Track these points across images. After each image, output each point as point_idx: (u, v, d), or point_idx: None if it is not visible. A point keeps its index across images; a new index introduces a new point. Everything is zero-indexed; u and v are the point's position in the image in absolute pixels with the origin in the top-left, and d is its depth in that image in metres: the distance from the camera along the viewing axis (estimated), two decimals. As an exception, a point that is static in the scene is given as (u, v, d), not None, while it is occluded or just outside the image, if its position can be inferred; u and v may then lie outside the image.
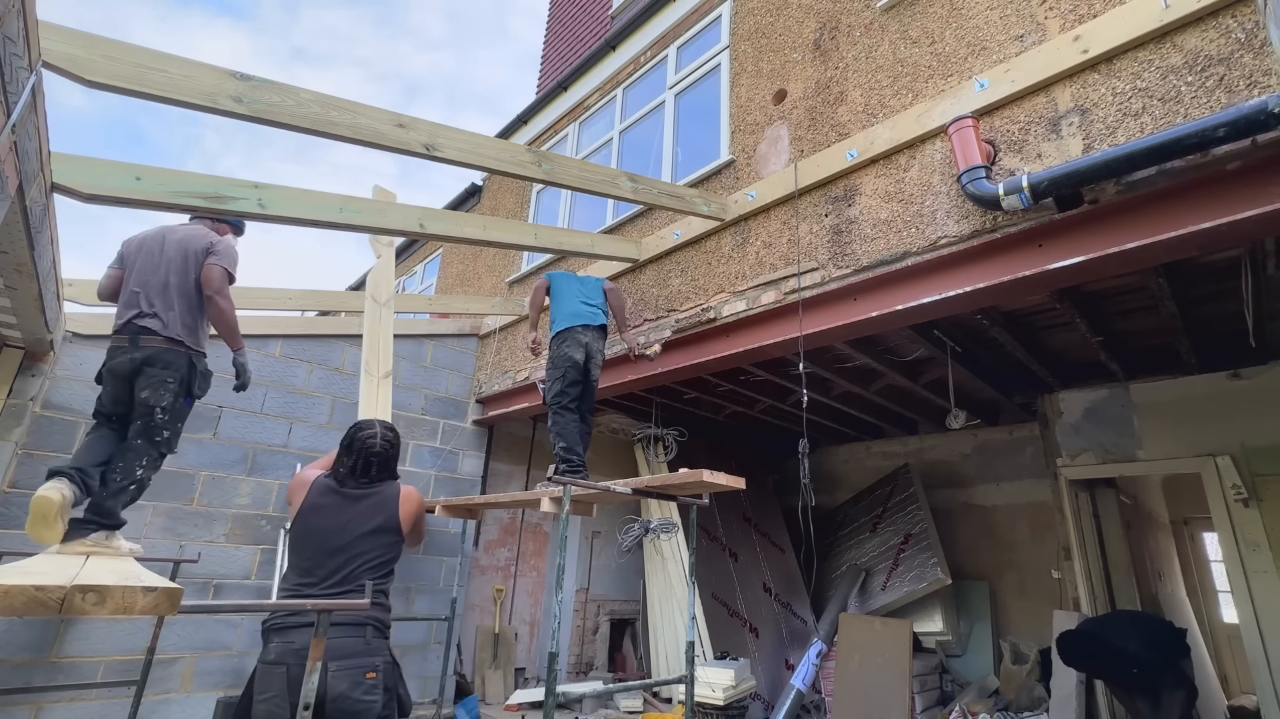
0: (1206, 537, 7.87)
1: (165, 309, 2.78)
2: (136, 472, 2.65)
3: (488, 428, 5.84)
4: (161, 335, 2.74)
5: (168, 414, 2.70)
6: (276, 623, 2.04)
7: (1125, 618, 4.39)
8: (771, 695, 5.41)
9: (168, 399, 2.70)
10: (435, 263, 8.75)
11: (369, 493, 2.54)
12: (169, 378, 2.71)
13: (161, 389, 2.69)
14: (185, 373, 2.78)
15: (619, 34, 5.70)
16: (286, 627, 2.02)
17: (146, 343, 2.73)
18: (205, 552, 4.11)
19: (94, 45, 2.14)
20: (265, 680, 1.93)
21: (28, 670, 3.48)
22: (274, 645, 1.98)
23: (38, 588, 1.53)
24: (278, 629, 2.01)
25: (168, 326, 2.76)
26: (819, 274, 3.28)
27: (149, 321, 2.75)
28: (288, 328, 4.80)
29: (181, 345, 2.78)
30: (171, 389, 2.71)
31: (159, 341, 2.74)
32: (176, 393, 2.73)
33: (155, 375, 2.70)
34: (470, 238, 3.84)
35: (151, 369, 2.70)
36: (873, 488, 6.99)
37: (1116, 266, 2.49)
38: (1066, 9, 2.70)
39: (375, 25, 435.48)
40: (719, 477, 3.21)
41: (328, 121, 2.61)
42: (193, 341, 2.83)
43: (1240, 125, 1.96)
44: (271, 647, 1.98)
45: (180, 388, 2.75)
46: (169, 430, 2.73)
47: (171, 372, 2.72)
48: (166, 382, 2.70)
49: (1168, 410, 4.83)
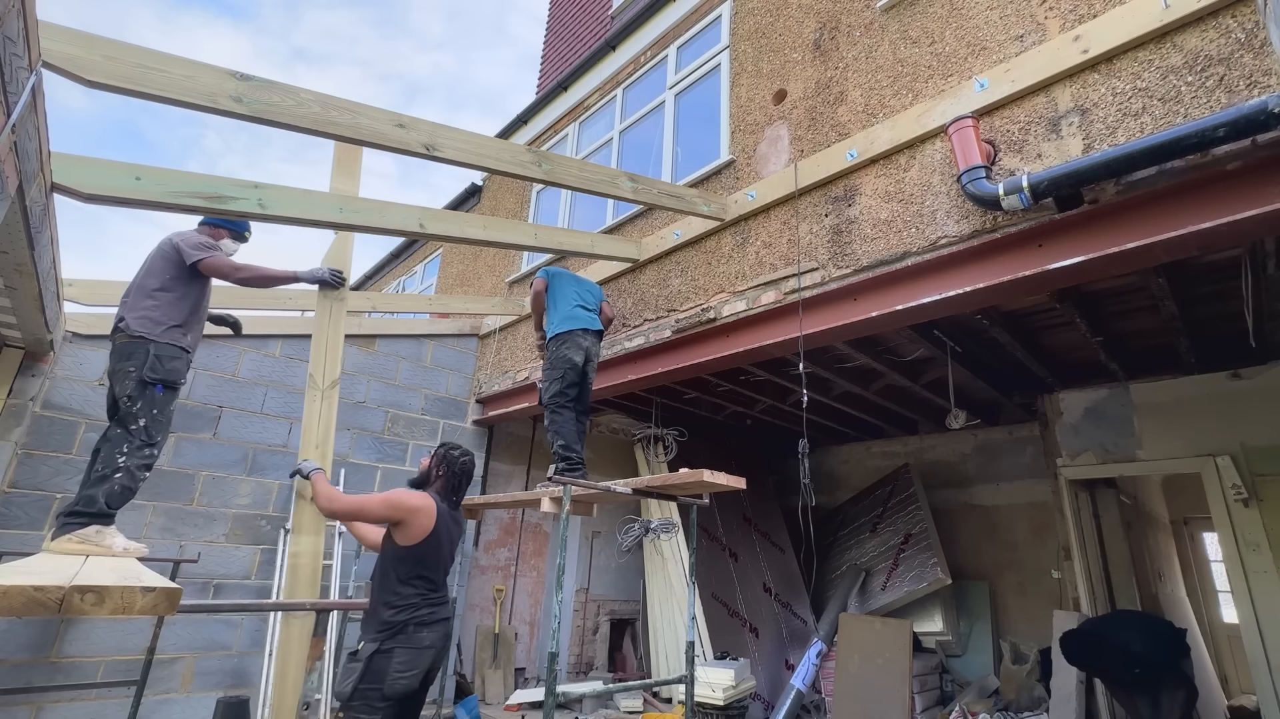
0: (1206, 537, 7.86)
1: (129, 309, 2.93)
2: (118, 459, 2.71)
3: (488, 428, 5.84)
4: (125, 333, 2.88)
5: (135, 402, 2.79)
6: (422, 618, 2.62)
7: (1127, 618, 4.39)
8: (771, 695, 5.41)
9: (131, 387, 2.79)
10: (435, 263, 8.75)
11: (457, 513, 3.01)
12: (130, 367, 2.82)
13: (125, 379, 2.81)
14: (143, 360, 2.86)
15: (619, 34, 5.70)
16: (431, 621, 2.66)
17: (116, 340, 2.89)
18: (205, 552, 4.11)
19: (94, 45, 2.14)
20: (415, 659, 2.54)
21: (28, 670, 3.48)
22: (424, 635, 2.60)
23: (37, 588, 1.53)
24: (425, 623, 2.62)
25: (130, 325, 2.89)
26: (819, 274, 3.28)
27: (119, 323, 2.92)
28: (288, 328, 4.80)
29: (140, 338, 2.88)
30: (133, 377, 2.80)
31: (122, 338, 2.88)
32: (139, 380, 2.81)
33: (118, 368, 2.84)
34: (470, 238, 3.84)
35: (117, 363, 2.85)
36: (873, 488, 6.99)
37: (1116, 266, 2.49)
38: (1066, 9, 2.70)
39: (375, 26, 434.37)
40: (719, 476, 3.21)
41: (328, 121, 2.61)
42: (152, 332, 2.91)
43: (1240, 125, 1.96)
44: (423, 635, 2.60)
45: (142, 374, 2.83)
46: (143, 418, 2.79)
47: (131, 362, 2.83)
48: (128, 371, 2.81)
49: (1168, 410, 4.83)
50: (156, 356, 2.88)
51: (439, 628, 2.70)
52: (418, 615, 2.62)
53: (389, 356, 5.34)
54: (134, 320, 2.89)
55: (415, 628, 2.60)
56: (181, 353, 2.99)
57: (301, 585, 3.19)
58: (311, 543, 3.27)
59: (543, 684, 4.54)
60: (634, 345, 4.28)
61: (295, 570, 3.23)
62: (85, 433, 3.85)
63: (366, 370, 5.18)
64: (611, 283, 4.74)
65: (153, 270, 3.01)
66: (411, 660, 2.54)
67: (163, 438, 2.90)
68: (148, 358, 2.85)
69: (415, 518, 2.68)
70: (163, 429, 2.89)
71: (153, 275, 2.99)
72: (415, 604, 2.62)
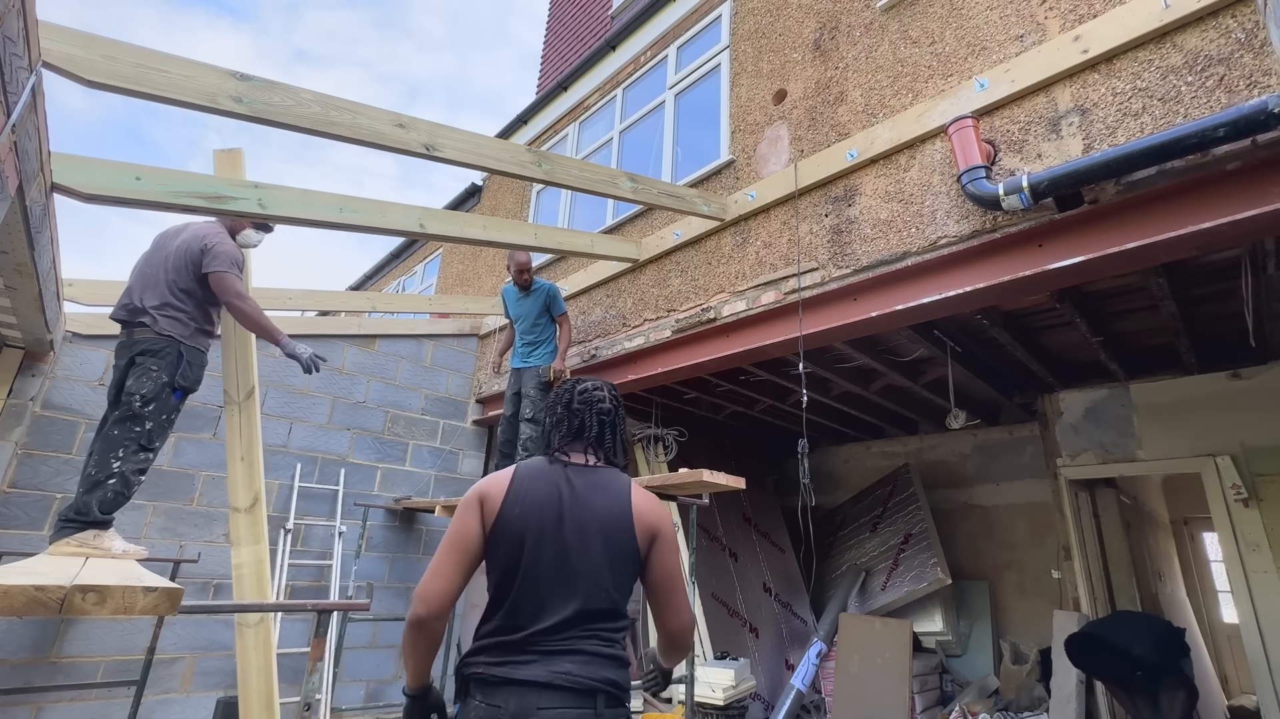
0: (1206, 537, 7.87)
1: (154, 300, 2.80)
2: (112, 464, 2.58)
3: (488, 428, 5.84)
4: (152, 329, 2.76)
5: (149, 403, 2.67)
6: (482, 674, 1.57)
7: (1128, 619, 4.39)
8: (771, 695, 5.41)
9: (150, 387, 2.68)
10: (435, 263, 8.76)
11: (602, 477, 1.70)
12: (153, 366, 2.70)
13: (145, 377, 2.69)
14: (175, 364, 2.76)
15: (619, 34, 5.70)
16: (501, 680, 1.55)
17: (140, 335, 2.76)
18: (205, 552, 4.11)
19: (94, 45, 2.14)
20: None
21: (28, 670, 3.48)
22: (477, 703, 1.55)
23: (38, 588, 1.53)
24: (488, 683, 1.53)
25: (159, 322, 2.78)
26: (819, 274, 3.28)
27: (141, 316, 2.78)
28: (288, 328, 4.77)
29: (170, 338, 2.77)
30: (155, 377, 2.69)
31: (148, 333, 2.75)
32: (164, 383, 2.71)
33: (142, 363, 2.71)
34: (471, 238, 3.84)
35: (140, 356, 2.72)
36: (873, 488, 6.99)
37: (1116, 266, 2.49)
38: (1066, 9, 2.70)
39: (376, 27, 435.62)
40: (719, 476, 3.21)
41: (328, 121, 2.61)
42: (182, 334, 2.82)
43: (1240, 125, 1.96)
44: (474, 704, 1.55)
45: (173, 379, 2.74)
46: (150, 422, 2.67)
47: (158, 360, 2.72)
48: (151, 370, 2.70)
49: (1168, 410, 4.83)
50: (188, 363, 2.80)
51: (511, 696, 1.41)
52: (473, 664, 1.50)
53: (389, 357, 5.34)
54: (163, 318, 2.78)
55: (471, 689, 1.48)
56: (205, 360, 2.94)
57: (248, 595, 3.21)
58: (252, 553, 3.28)
59: (543, 684, 4.53)
60: (634, 345, 4.28)
61: (240, 582, 3.23)
62: (85, 433, 3.85)
63: (366, 370, 5.18)
64: (611, 283, 4.74)
65: (181, 267, 2.90)
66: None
67: (161, 443, 2.78)
68: (180, 362, 2.77)
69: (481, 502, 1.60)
70: (163, 435, 2.78)
71: (181, 274, 2.90)
72: (484, 648, 1.51)
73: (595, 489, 1.63)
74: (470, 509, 1.58)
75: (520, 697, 1.40)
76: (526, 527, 1.55)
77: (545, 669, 1.43)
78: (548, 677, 1.42)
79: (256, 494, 3.44)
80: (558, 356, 4.34)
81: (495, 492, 1.59)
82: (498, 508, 1.57)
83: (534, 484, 1.61)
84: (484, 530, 1.57)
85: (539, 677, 1.42)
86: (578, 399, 1.77)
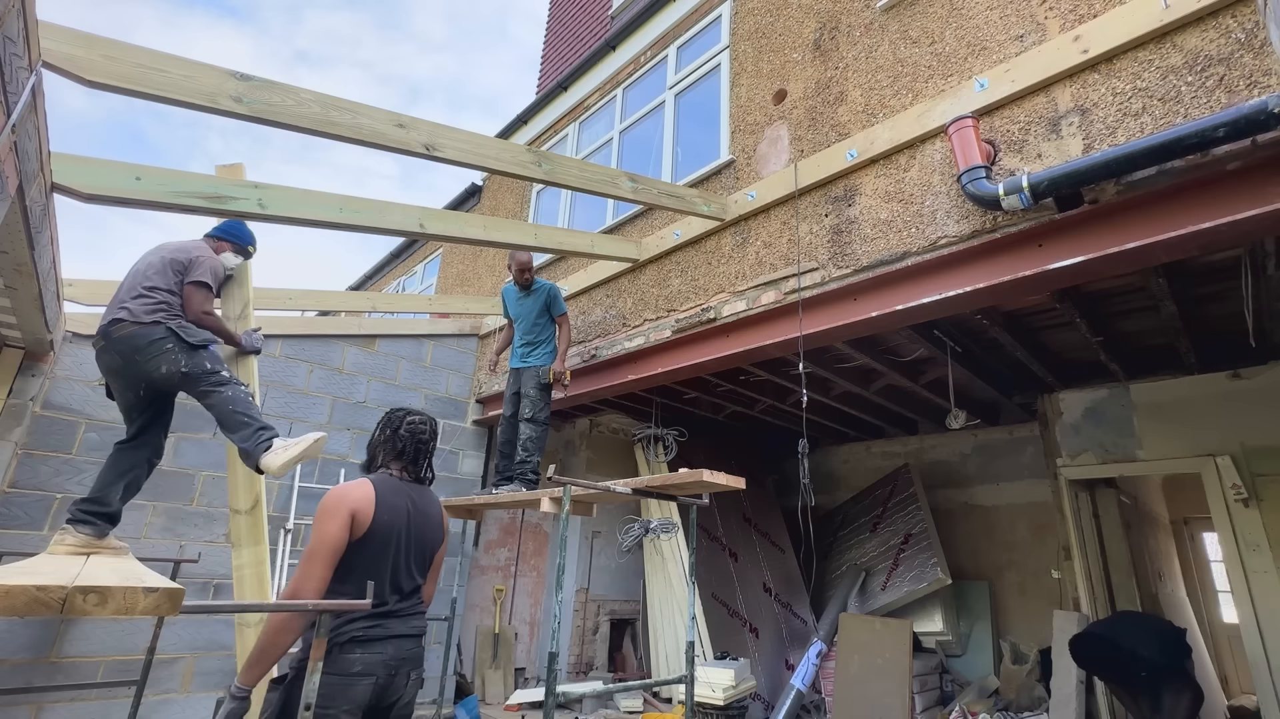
0: (1206, 537, 7.86)
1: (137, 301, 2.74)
2: (252, 412, 2.74)
3: (488, 428, 5.84)
4: (130, 322, 2.68)
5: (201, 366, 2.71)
6: (356, 633, 2.01)
7: (1130, 620, 4.37)
8: (771, 695, 5.41)
9: (183, 359, 2.68)
10: (435, 263, 8.76)
11: (422, 493, 2.34)
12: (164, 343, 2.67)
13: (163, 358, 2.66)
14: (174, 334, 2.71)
15: (619, 34, 5.70)
16: (373, 638, 2.05)
17: (119, 332, 2.67)
18: (205, 552, 4.11)
19: (94, 45, 2.14)
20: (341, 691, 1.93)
21: (28, 670, 3.48)
22: (357, 657, 1.98)
23: (39, 588, 1.53)
24: (361, 641, 2.00)
25: (136, 315, 2.70)
26: (819, 274, 3.28)
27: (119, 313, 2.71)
28: (288, 328, 4.81)
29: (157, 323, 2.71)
30: (173, 350, 2.67)
31: (130, 326, 2.68)
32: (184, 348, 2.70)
33: (149, 350, 2.66)
34: (471, 238, 3.84)
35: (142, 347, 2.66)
36: (873, 488, 6.99)
37: (1116, 266, 2.49)
38: (1066, 9, 2.70)
39: (377, 28, 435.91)
40: (719, 476, 3.21)
41: (328, 122, 2.61)
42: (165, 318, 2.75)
43: (1240, 125, 1.96)
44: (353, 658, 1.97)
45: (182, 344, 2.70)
46: (214, 376, 2.74)
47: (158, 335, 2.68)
48: (165, 348, 2.67)
49: (1168, 410, 4.83)
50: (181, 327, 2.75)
51: (387, 646, 1.99)
52: (349, 630, 1.94)
53: (389, 357, 5.34)
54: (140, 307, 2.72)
55: (346, 648, 1.92)
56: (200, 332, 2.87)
57: (249, 596, 3.27)
58: (252, 554, 3.34)
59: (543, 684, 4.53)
60: (634, 345, 4.28)
61: (241, 582, 3.29)
62: (85, 433, 3.85)
63: (366, 370, 5.18)
64: (611, 283, 4.74)
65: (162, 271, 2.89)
66: (335, 693, 1.86)
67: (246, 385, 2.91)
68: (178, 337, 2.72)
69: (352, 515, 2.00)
70: (229, 370, 2.84)
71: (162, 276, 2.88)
72: (355, 618, 1.96)
73: (427, 503, 2.29)
74: (340, 521, 1.97)
75: (395, 645, 2.04)
76: (392, 530, 2.09)
77: (405, 625, 2.09)
78: (407, 629, 2.10)
79: (257, 496, 3.46)
80: (558, 357, 4.34)
81: (365, 505, 2.04)
82: (370, 518, 2.03)
83: (394, 498, 2.14)
84: (349, 538, 1.99)
85: (404, 630, 2.08)
86: (404, 427, 2.32)
